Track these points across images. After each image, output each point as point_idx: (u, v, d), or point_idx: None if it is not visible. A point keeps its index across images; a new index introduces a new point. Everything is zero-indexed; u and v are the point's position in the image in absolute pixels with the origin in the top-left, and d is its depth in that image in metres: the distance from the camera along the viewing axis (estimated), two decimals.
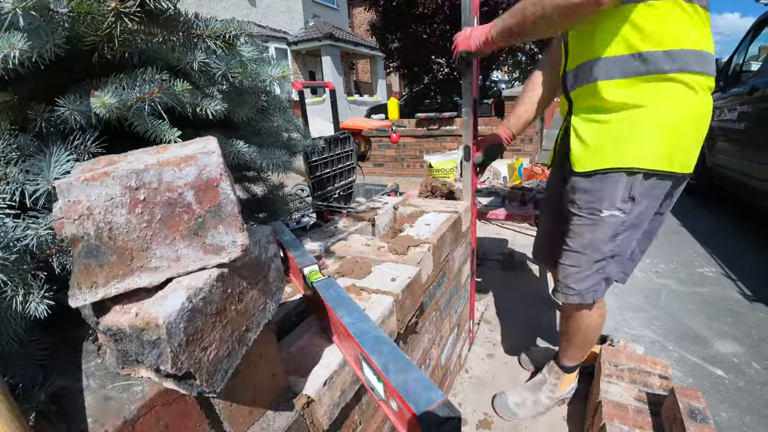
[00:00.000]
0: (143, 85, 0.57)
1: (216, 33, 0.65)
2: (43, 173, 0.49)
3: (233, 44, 0.66)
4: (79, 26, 0.53)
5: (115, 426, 0.40)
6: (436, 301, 1.23)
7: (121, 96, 0.54)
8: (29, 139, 0.53)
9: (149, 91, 0.56)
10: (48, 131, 0.56)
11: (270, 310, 0.52)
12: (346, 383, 0.68)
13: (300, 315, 0.82)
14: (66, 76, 0.59)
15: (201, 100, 0.65)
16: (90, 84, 0.57)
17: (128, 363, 0.43)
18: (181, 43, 0.64)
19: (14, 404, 0.36)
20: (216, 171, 0.40)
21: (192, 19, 0.65)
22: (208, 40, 0.65)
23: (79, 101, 0.53)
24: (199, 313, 0.40)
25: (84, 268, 0.39)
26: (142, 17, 0.56)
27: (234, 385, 0.50)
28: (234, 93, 0.77)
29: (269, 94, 0.85)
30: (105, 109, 0.52)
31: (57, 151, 0.51)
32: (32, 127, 0.55)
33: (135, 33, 0.58)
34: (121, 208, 0.38)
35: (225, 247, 0.43)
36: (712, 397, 1.51)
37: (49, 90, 0.56)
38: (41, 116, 0.54)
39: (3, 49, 0.45)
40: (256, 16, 9.88)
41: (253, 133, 0.86)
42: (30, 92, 0.56)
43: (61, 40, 0.49)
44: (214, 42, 0.65)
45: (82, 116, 0.53)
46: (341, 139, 2.72)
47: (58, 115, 0.53)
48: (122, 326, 0.38)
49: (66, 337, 0.54)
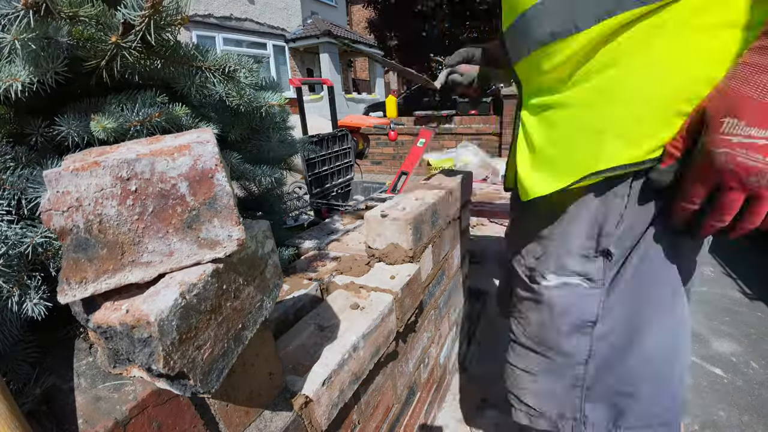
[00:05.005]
0: (142, 108, 0.57)
1: (215, 66, 0.66)
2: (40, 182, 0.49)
3: (233, 77, 0.68)
4: (79, 50, 0.53)
5: (106, 427, 0.39)
6: (435, 299, 1.21)
7: (121, 120, 0.54)
8: (25, 150, 0.53)
9: (149, 114, 0.56)
10: (44, 146, 0.55)
11: (267, 308, 0.50)
12: (345, 383, 0.67)
13: (298, 313, 0.81)
14: (65, 93, 0.58)
15: (198, 122, 0.66)
16: (89, 102, 0.58)
17: (120, 362, 0.41)
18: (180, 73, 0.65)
19: (14, 404, 0.35)
20: (211, 161, 0.39)
21: (192, 52, 0.65)
22: (208, 72, 0.66)
23: (77, 121, 0.54)
24: (193, 310, 0.38)
25: (73, 263, 0.37)
26: (142, 51, 0.56)
27: (230, 384, 0.49)
28: (229, 114, 0.78)
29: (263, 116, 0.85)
30: (105, 133, 0.52)
31: (54, 163, 0.52)
32: (28, 140, 0.55)
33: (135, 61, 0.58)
34: (111, 200, 0.36)
35: (220, 241, 0.41)
36: (711, 397, 1.50)
37: (47, 106, 0.56)
38: (38, 132, 0.54)
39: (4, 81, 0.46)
40: (254, 12, 9.82)
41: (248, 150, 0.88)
42: (27, 107, 0.55)
43: (61, 68, 0.50)
44: (213, 74, 0.66)
45: (80, 136, 0.53)
46: (339, 136, 2.70)
47: (57, 133, 0.53)
48: (112, 323, 0.36)
49: (58, 334, 0.52)
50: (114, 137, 0.53)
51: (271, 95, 0.75)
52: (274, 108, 0.76)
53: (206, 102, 0.73)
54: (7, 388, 0.35)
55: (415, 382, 1.11)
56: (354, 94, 13.35)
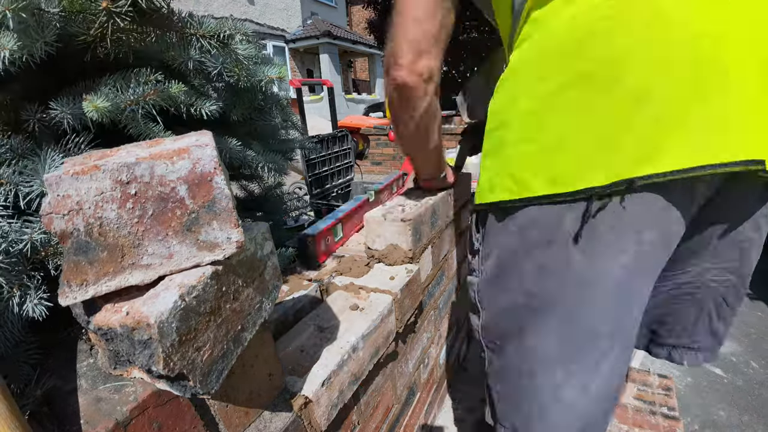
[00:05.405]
0: (137, 86, 0.56)
1: (210, 32, 0.64)
2: (36, 175, 0.49)
3: (228, 43, 0.65)
4: (71, 25, 0.52)
5: (107, 428, 0.39)
6: (435, 299, 1.22)
7: (114, 99, 0.53)
8: (22, 140, 0.53)
9: (144, 93, 0.55)
10: (41, 132, 0.55)
11: (266, 309, 0.51)
12: (345, 383, 0.67)
13: (297, 314, 0.81)
14: (59, 77, 0.58)
15: (195, 100, 0.64)
16: (83, 85, 0.56)
17: (120, 363, 0.41)
18: (174, 42, 0.63)
19: (14, 404, 0.35)
20: (210, 164, 0.39)
21: (186, 18, 0.63)
22: (202, 39, 0.64)
23: (72, 104, 0.52)
24: (193, 312, 0.38)
25: (74, 265, 0.37)
26: (134, 16, 0.55)
27: (229, 385, 0.49)
28: (230, 92, 0.76)
29: (266, 93, 0.83)
30: (98, 113, 0.51)
31: (50, 153, 0.51)
32: (25, 128, 0.54)
33: (128, 32, 0.57)
34: (111, 203, 0.36)
35: (219, 243, 0.41)
36: (711, 396, 1.50)
37: (42, 90, 0.55)
38: (34, 117, 0.53)
39: None
40: (254, 13, 9.84)
41: (250, 133, 0.85)
42: (22, 92, 0.55)
43: (52, 39, 0.48)
44: (209, 41, 0.64)
45: (75, 119, 0.52)
46: (339, 137, 2.70)
47: (52, 117, 0.52)
48: (113, 325, 0.36)
49: (60, 336, 0.53)
50: (109, 118, 0.52)
51: (270, 69, 0.71)
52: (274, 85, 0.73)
53: (204, 81, 0.71)
54: (7, 389, 0.36)
55: (415, 383, 1.11)
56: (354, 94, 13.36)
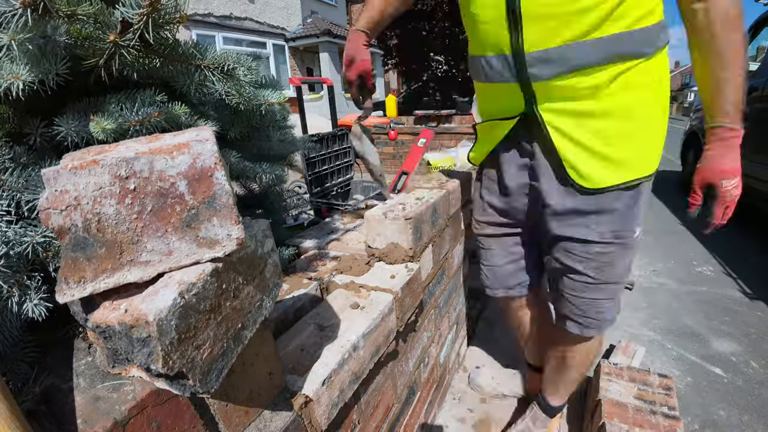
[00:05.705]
0: (141, 107, 0.57)
1: (214, 64, 0.66)
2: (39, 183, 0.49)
3: (232, 75, 0.67)
4: (78, 48, 0.53)
5: (105, 427, 0.38)
6: (435, 298, 1.21)
7: (120, 120, 0.54)
8: (24, 150, 0.53)
9: (148, 114, 0.56)
10: (42, 146, 0.55)
11: (267, 307, 0.50)
12: (345, 382, 0.66)
13: (298, 312, 0.80)
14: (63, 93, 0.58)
15: (196, 120, 0.65)
16: (88, 102, 0.57)
17: (119, 362, 0.41)
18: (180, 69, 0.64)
19: (14, 404, 0.35)
20: (210, 160, 0.38)
21: (191, 50, 0.65)
22: (206, 70, 0.65)
23: (77, 121, 0.53)
24: (192, 309, 0.38)
25: (71, 262, 0.37)
26: (141, 49, 0.55)
27: (229, 384, 0.48)
28: (228, 112, 0.77)
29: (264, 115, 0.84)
30: (104, 134, 0.52)
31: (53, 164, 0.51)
32: (27, 141, 0.54)
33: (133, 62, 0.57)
34: (110, 198, 0.36)
35: (219, 240, 0.41)
36: (711, 396, 1.50)
37: (46, 105, 0.55)
38: (36, 132, 0.54)
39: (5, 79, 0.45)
40: (254, 11, 9.80)
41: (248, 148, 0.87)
42: (26, 107, 0.55)
43: (63, 70, 0.49)
44: (213, 73, 0.66)
45: (79, 136, 0.53)
46: (339, 135, 2.70)
47: (56, 133, 0.53)
48: (111, 323, 0.36)
49: (57, 334, 0.52)
50: (114, 138, 0.53)
51: (270, 93, 0.74)
52: (274, 106, 0.76)
53: (206, 100, 0.73)
54: (7, 388, 0.35)
55: (416, 382, 1.11)
56: None
